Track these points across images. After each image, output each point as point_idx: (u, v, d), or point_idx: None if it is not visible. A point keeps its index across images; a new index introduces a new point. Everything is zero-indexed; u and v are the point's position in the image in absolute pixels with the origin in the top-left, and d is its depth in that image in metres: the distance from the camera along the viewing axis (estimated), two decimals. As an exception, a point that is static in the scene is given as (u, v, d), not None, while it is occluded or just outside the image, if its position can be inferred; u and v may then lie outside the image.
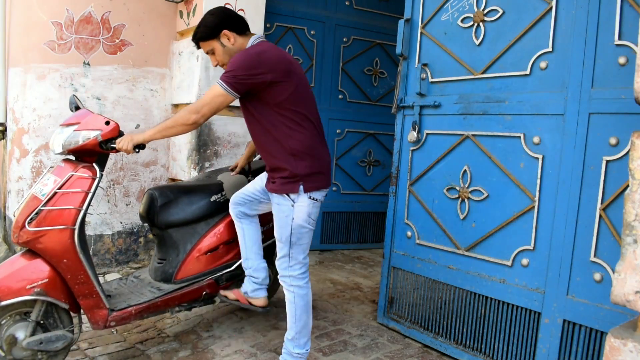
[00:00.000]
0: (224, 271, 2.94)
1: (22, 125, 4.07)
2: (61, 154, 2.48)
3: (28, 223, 2.31)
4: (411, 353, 2.95)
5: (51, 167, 2.61)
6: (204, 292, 2.87)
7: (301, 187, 2.38)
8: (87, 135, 2.41)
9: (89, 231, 4.17)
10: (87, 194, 2.40)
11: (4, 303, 2.22)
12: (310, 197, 2.41)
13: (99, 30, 4.17)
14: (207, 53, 2.57)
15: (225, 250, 2.96)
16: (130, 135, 2.42)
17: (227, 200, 2.95)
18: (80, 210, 2.38)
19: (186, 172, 4.18)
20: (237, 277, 2.99)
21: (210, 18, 2.49)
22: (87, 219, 4.09)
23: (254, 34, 2.55)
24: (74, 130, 2.42)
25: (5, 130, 4.33)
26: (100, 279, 3.90)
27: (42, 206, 2.32)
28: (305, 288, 2.52)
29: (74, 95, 2.64)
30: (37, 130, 4.05)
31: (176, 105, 4.44)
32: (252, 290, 2.83)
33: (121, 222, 4.33)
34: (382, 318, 3.33)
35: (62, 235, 2.34)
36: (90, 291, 2.42)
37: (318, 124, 2.52)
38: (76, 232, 2.37)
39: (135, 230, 4.42)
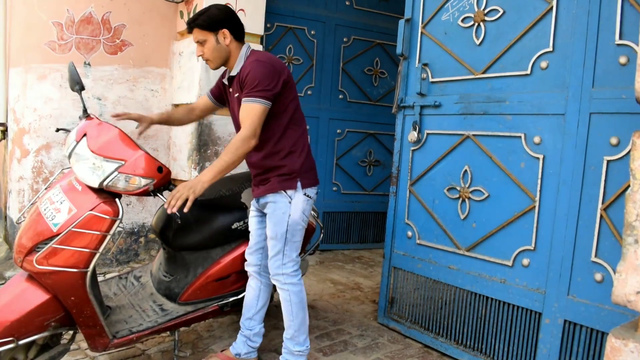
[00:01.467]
0: (231, 299, 2.77)
1: (23, 126, 4.07)
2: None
3: (35, 253, 2.08)
4: (412, 353, 2.94)
5: (62, 170, 2.48)
6: (208, 317, 2.76)
7: (299, 184, 2.43)
8: (137, 184, 2.18)
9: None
10: (104, 236, 2.15)
11: (21, 342, 2.08)
12: (305, 194, 2.47)
13: (100, 31, 4.17)
14: (197, 42, 2.46)
15: (237, 279, 2.78)
16: (187, 186, 2.17)
17: (248, 227, 2.76)
18: (95, 253, 2.14)
19: (187, 172, 4.18)
20: (241, 304, 2.82)
21: (215, 11, 2.43)
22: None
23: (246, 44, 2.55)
24: (119, 172, 2.15)
25: (6, 130, 4.33)
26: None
27: (53, 243, 2.08)
28: (299, 285, 2.53)
29: (72, 63, 2.39)
30: (38, 130, 4.05)
31: (176, 105, 4.44)
32: (246, 353, 2.71)
33: (123, 222, 4.33)
34: (383, 318, 3.33)
35: (73, 276, 2.11)
36: (94, 323, 2.26)
37: (305, 124, 2.61)
38: (88, 274, 2.15)
39: (135, 230, 4.42)
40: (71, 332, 2.40)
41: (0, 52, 4.27)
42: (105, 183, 2.16)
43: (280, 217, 2.44)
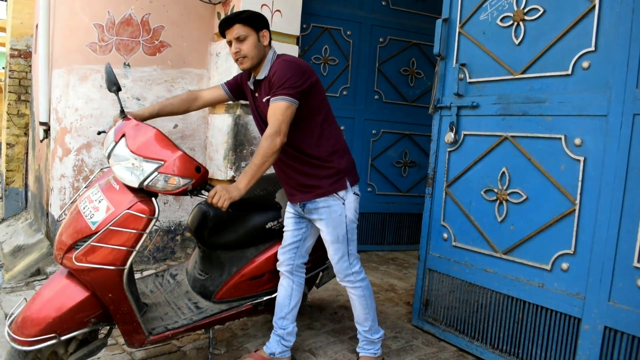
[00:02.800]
0: (265, 298, 2.79)
1: (65, 125, 4.18)
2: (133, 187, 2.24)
3: (74, 250, 2.14)
4: (446, 356, 2.91)
5: (101, 169, 2.52)
6: (242, 316, 2.78)
7: (347, 183, 2.48)
8: (177, 184, 2.20)
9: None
10: (141, 235, 2.19)
11: (63, 338, 2.14)
12: (354, 193, 2.52)
13: (139, 32, 4.25)
14: (236, 38, 2.38)
15: (271, 278, 2.80)
16: (225, 189, 2.20)
17: (282, 227, 2.77)
18: (132, 251, 2.19)
19: (223, 172, 4.22)
20: (275, 303, 2.84)
21: (258, 14, 2.44)
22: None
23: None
24: (159, 172, 2.18)
25: (49, 129, 4.45)
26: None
27: (91, 241, 2.12)
28: (366, 278, 2.65)
29: (108, 64, 2.43)
30: (79, 129, 4.15)
31: (213, 106, 4.48)
32: (280, 352, 2.72)
33: (159, 220, 4.39)
34: (417, 320, 3.30)
35: (110, 274, 2.15)
36: (131, 320, 2.30)
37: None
38: (125, 271, 2.19)
39: (172, 228, 4.49)
40: (108, 327, 2.44)
41: (44, 54, 4.40)
42: (145, 183, 2.19)
43: (338, 219, 2.49)
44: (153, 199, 2.25)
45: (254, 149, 4.17)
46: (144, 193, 2.25)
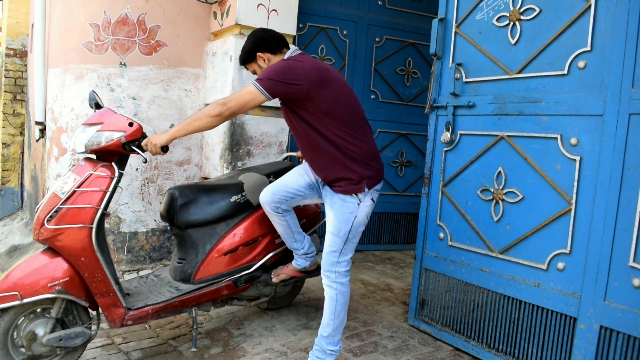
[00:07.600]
0: (243, 273, 2.90)
1: (61, 125, 4.17)
2: (83, 153, 2.50)
3: (47, 221, 2.33)
4: (442, 356, 2.91)
5: (73, 165, 2.65)
6: (223, 293, 2.85)
7: (366, 187, 2.49)
8: (111, 137, 2.43)
9: (123, 228, 4.24)
10: (105, 193, 2.41)
11: (26, 301, 2.25)
12: (371, 199, 2.54)
13: (135, 32, 4.24)
14: (253, 73, 2.73)
15: (245, 252, 2.92)
16: (152, 137, 2.45)
17: (247, 201, 2.95)
18: (98, 209, 2.39)
19: (219, 171, 4.22)
20: (256, 279, 2.97)
21: (246, 43, 2.67)
22: (121, 217, 4.17)
23: (291, 48, 2.67)
24: (97, 131, 2.44)
25: (45, 129, 4.43)
26: (134, 275, 3.98)
27: (61, 204, 2.34)
28: (347, 285, 2.59)
29: (93, 91, 2.65)
30: (75, 129, 4.14)
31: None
32: (309, 264, 2.98)
33: (155, 220, 4.39)
34: (413, 320, 3.30)
35: (80, 233, 2.35)
36: (107, 290, 2.44)
37: (369, 128, 2.65)
38: (94, 230, 2.38)
39: (168, 228, 4.48)
40: (85, 312, 2.51)
41: (40, 53, 4.38)
42: (87, 142, 2.44)
43: (346, 216, 2.52)
44: (113, 163, 2.49)
45: (250, 148, 4.17)
46: (105, 161, 2.50)
